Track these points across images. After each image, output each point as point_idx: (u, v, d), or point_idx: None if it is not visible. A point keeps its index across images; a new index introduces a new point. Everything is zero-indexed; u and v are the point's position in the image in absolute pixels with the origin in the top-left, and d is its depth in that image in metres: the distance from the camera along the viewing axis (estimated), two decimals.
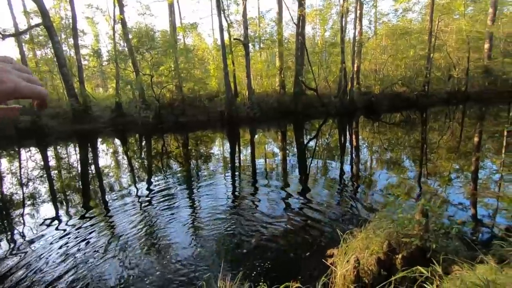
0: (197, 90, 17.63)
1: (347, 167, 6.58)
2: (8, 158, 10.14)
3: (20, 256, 3.33)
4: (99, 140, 12.85)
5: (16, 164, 9.07)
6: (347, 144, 9.37)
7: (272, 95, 18.26)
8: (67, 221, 4.30)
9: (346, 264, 2.02)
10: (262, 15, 25.33)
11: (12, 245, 3.65)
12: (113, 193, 5.58)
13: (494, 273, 1.42)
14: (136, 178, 6.61)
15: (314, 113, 16.80)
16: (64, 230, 3.95)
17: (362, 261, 2.03)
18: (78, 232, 3.86)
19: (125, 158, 9.16)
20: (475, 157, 6.33)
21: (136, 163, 8.36)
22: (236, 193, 5.25)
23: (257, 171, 6.59)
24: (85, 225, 4.08)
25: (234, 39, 17.82)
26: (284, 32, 23.16)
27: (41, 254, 3.32)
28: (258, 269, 2.77)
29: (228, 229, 3.70)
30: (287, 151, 8.61)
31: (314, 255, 2.96)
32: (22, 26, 17.57)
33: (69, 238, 3.71)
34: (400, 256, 1.93)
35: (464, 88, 19.74)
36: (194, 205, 4.66)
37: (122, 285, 2.69)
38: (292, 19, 16.74)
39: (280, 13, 19.14)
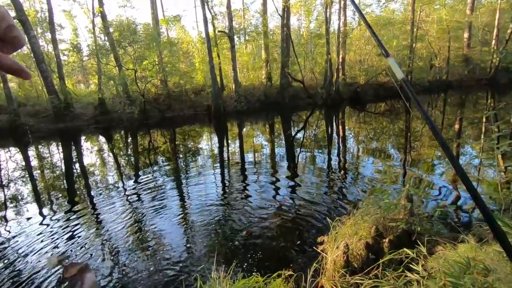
0: (183, 84, 17.36)
1: (334, 157, 6.70)
2: None
3: (3, 253, 3.24)
4: (83, 138, 12.51)
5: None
6: (334, 134, 9.51)
7: (259, 87, 18.22)
8: (52, 218, 4.20)
9: (336, 250, 2.08)
10: (247, 6, 25.09)
11: None
12: (100, 190, 5.47)
13: (474, 251, 1.50)
14: (123, 175, 6.51)
15: (301, 104, 16.91)
16: (48, 226, 3.86)
17: (351, 247, 2.10)
18: (64, 230, 3.79)
19: (111, 155, 8.97)
20: (456, 144, 6.57)
21: (123, 160, 8.21)
22: (226, 186, 5.26)
23: (246, 163, 6.61)
24: (71, 223, 4.00)
25: (219, 31, 17.57)
26: (269, 24, 23.02)
27: (25, 252, 3.25)
28: (251, 259, 2.81)
29: (219, 221, 3.72)
30: (275, 143, 8.67)
31: (305, 243, 3.03)
32: None
33: (54, 235, 3.63)
34: (387, 240, 2.01)
35: (445, 76, 20.33)
36: (184, 200, 4.65)
37: (115, 280, 2.67)
38: (277, 11, 16.65)
39: (264, 4, 18.98)
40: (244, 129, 11.97)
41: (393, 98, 16.95)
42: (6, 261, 3.19)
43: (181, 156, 7.95)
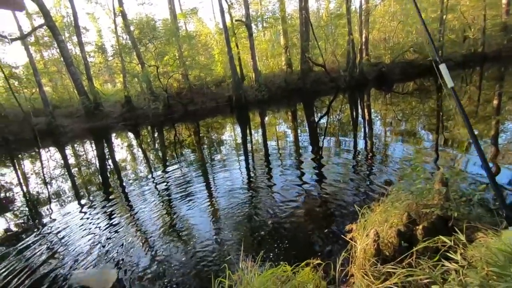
0: (203, 77, 17.52)
1: (360, 142, 6.47)
2: (30, 159, 10.56)
3: (49, 242, 3.52)
4: (113, 135, 13.13)
5: (39, 164, 9.44)
6: (359, 118, 9.17)
7: (279, 74, 17.94)
8: (89, 209, 4.49)
9: (366, 238, 2.02)
10: None
11: (41, 234, 3.85)
12: (132, 183, 5.74)
13: None
14: (152, 168, 6.76)
15: (324, 89, 16.44)
16: (87, 215, 4.13)
17: (381, 234, 2.02)
18: (100, 220, 4.03)
19: (140, 150, 9.35)
20: (494, 121, 6.07)
21: (151, 154, 8.52)
22: (251, 175, 5.29)
23: (270, 152, 6.59)
24: (106, 213, 4.25)
25: (236, 20, 17.38)
26: (287, 8, 22.36)
27: (68, 242, 3.50)
28: (278, 248, 2.82)
29: (246, 211, 3.76)
30: (299, 130, 8.54)
31: (332, 231, 2.98)
32: (26, 28, 17.70)
33: (91, 225, 3.88)
34: (420, 227, 1.91)
35: (481, 49, 18.71)
36: (211, 190, 4.74)
37: (148, 270, 2.81)
38: None
39: None
40: (266, 118, 11.90)
41: (422, 76, 15.95)
42: (50, 249, 3.46)
43: (205, 147, 8.09)
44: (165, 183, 5.40)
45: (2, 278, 3.03)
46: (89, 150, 10.75)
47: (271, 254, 2.73)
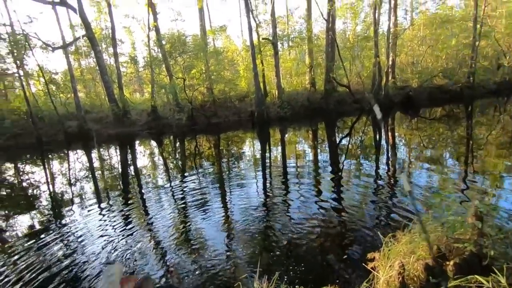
0: (228, 91, 17.91)
1: (383, 166, 6.25)
2: (59, 160, 11.10)
3: (66, 240, 3.60)
4: (137, 142, 13.58)
5: (66, 165, 9.89)
6: (383, 141, 8.91)
7: (303, 93, 17.98)
8: (108, 212, 4.59)
9: (390, 270, 1.89)
10: (291, 12, 25.10)
11: (60, 232, 3.96)
12: (150, 190, 5.84)
13: None
14: (172, 177, 6.86)
15: (347, 110, 16.24)
16: (105, 221, 4.21)
17: (407, 267, 1.89)
18: (118, 223, 4.10)
19: (161, 159, 9.56)
20: None
21: (171, 163, 8.68)
22: (268, 193, 5.22)
23: (289, 170, 6.50)
24: (124, 218, 4.32)
25: (263, 39, 17.82)
26: (314, 28, 22.69)
27: (84, 241, 3.57)
28: (294, 271, 2.72)
29: (261, 228, 3.68)
30: (319, 150, 8.41)
31: (352, 258, 2.84)
32: (68, 38, 19.13)
33: (109, 227, 3.94)
34: (451, 262, 1.76)
35: None
36: (227, 205, 4.71)
37: (158, 279, 2.78)
38: (322, 15, 16.32)
39: (309, 9, 18.78)
40: (287, 135, 11.86)
41: (451, 102, 15.38)
42: (67, 246, 3.54)
43: (225, 160, 8.14)
44: (182, 193, 5.45)
45: (20, 271, 3.12)
46: (114, 155, 11.15)
47: (287, 275, 2.63)
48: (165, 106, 17.56)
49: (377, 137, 9.82)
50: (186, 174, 7.06)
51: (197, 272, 2.86)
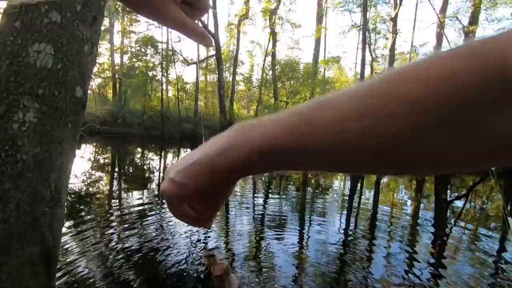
0: None
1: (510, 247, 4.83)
2: (172, 154, 13.21)
3: (166, 226, 4.17)
4: None
5: (176, 159, 11.68)
6: None
7: None
8: None
9: None
10: (415, 49, 23.11)
11: (161, 217, 4.62)
12: (235, 201, 6.21)
13: None
14: (255, 193, 7.15)
15: None
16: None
17: None
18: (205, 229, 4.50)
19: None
20: None
21: (257, 180, 9.07)
22: (350, 236, 4.77)
23: (379, 218, 5.81)
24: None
25: (376, 73, 17.01)
26: None
27: (174, 233, 4.05)
28: None
29: (334, 273, 3.38)
30: (421, 204, 7.22)
31: None
32: (202, 56, 23.02)
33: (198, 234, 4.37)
34: None
35: None
36: (303, 235, 4.55)
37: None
38: None
39: (439, 47, 16.93)
40: (385, 179, 10.70)
41: None
42: (166, 231, 4.09)
43: (310, 190, 7.97)
44: (263, 210, 5.58)
45: (125, 247, 3.79)
46: None
47: None
48: None
49: (509, 209, 7.71)
50: (269, 193, 7.23)
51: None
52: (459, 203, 7.69)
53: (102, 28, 2.15)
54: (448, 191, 9.40)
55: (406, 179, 11.02)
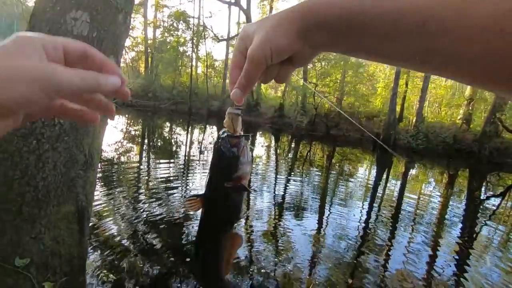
0: (357, 106, 17.02)
1: None
2: (198, 129, 13.50)
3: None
4: (259, 133, 14.83)
5: (202, 135, 11.93)
6: None
7: (449, 128, 15.02)
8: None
9: None
10: None
11: (187, 186, 4.82)
12: (257, 181, 6.27)
13: None
14: (278, 173, 7.16)
15: (510, 164, 12.51)
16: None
17: None
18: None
19: (274, 153, 10.12)
20: None
21: (282, 160, 9.06)
22: (370, 225, 4.68)
23: (403, 210, 5.61)
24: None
25: None
26: None
27: None
28: None
29: (351, 261, 3.35)
30: (451, 201, 6.86)
31: None
32: (233, 33, 22.69)
33: None
34: None
35: None
36: (323, 220, 4.53)
37: (242, 270, 2.98)
38: None
39: None
40: (413, 171, 10.24)
41: None
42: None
43: (334, 175, 7.82)
44: (284, 192, 5.61)
45: (152, 208, 4.01)
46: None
47: None
48: (291, 107, 18.38)
49: None
50: (292, 174, 7.21)
51: (276, 271, 2.90)
52: (494, 202, 7.21)
53: (136, 1, 2.15)
54: (483, 188, 8.82)
55: (437, 172, 10.47)
